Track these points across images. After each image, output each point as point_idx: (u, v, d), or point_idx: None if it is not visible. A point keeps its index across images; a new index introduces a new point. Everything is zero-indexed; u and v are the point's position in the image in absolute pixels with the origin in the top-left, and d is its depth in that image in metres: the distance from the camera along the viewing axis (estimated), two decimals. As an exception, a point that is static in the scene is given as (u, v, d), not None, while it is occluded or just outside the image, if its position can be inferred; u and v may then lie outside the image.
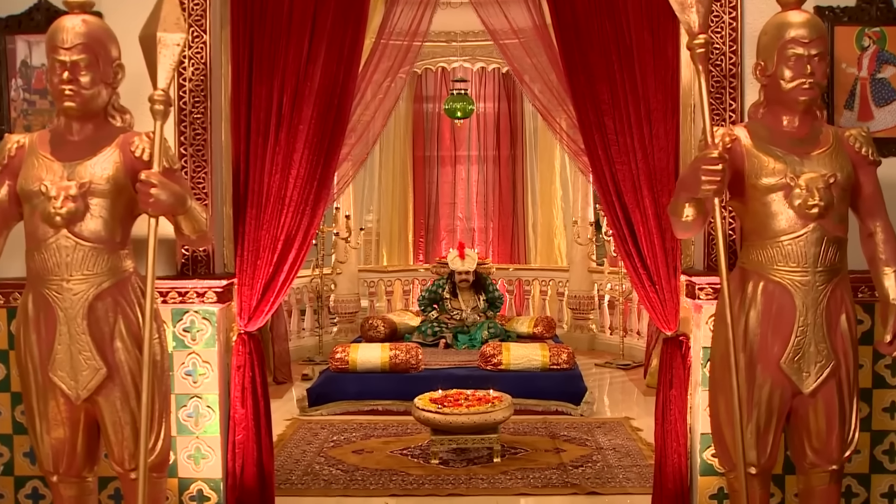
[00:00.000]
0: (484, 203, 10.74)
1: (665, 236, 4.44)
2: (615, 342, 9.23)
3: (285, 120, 4.45)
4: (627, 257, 4.53)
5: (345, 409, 7.11)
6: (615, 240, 4.61)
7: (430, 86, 10.65)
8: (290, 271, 4.52)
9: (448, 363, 7.54)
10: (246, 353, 4.49)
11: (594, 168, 4.56)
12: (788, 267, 3.52)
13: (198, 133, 4.42)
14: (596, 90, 4.49)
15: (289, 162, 4.46)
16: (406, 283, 10.12)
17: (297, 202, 4.48)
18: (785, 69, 3.53)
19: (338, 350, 7.35)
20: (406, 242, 10.68)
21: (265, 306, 4.51)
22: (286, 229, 4.48)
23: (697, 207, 3.61)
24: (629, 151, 4.46)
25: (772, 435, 3.63)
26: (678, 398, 4.49)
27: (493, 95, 10.59)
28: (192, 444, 4.44)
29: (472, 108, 9.12)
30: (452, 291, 8.46)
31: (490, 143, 10.73)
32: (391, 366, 7.21)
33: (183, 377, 4.42)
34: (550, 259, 10.37)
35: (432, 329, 8.28)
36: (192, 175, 4.41)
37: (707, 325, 4.33)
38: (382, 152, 10.57)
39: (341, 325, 9.75)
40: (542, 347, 7.41)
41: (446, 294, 8.48)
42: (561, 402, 7.09)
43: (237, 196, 4.50)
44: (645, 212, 4.46)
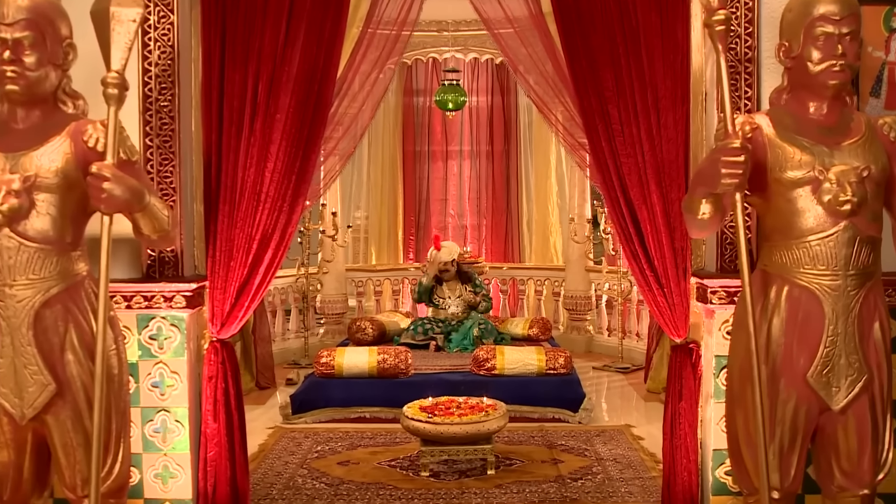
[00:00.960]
0: (476, 199, 10.39)
1: (674, 235, 4.10)
2: (613, 344, 8.89)
3: (261, 108, 4.10)
4: (633, 258, 4.18)
5: (330, 416, 6.74)
6: (620, 239, 4.25)
7: (420, 78, 10.28)
8: (267, 273, 4.17)
9: (439, 367, 7.18)
10: (218, 363, 4.14)
11: (597, 161, 4.21)
12: (816, 270, 3.17)
13: (165, 123, 4.05)
14: (599, 76, 4.14)
15: (265, 154, 4.11)
16: (395, 283, 9.77)
17: (273, 198, 4.13)
18: (813, 50, 3.17)
19: (323, 354, 6.98)
20: (395, 240, 10.32)
21: (239, 311, 4.15)
22: (262, 228, 4.13)
23: (715, 204, 3.26)
24: (635, 143, 4.12)
25: (796, 456, 3.28)
26: (688, 411, 4.15)
27: (487, 88, 10.22)
28: (159, 461, 4.09)
29: (465, 99, 8.75)
30: (440, 281, 8.14)
31: (483, 137, 10.37)
32: (379, 371, 6.85)
33: (149, 389, 4.06)
34: (546, 258, 10.02)
35: (423, 329, 7.91)
36: (159, 169, 4.05)
37: (720, 332, 4.00)
38: (371, 147, 10.21)
39: (328, 327, 9.39)
40: (538, 351, 7.05)
41: (434, 283, 8.17)
42: (558, 409, 6.72)
43: (209, 192, 4.15)
44: (652, 208, 4.12)
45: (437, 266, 8.07)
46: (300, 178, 4.16)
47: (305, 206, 7.52)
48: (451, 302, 8.06)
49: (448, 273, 8.08)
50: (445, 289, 8.11)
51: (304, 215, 8.28)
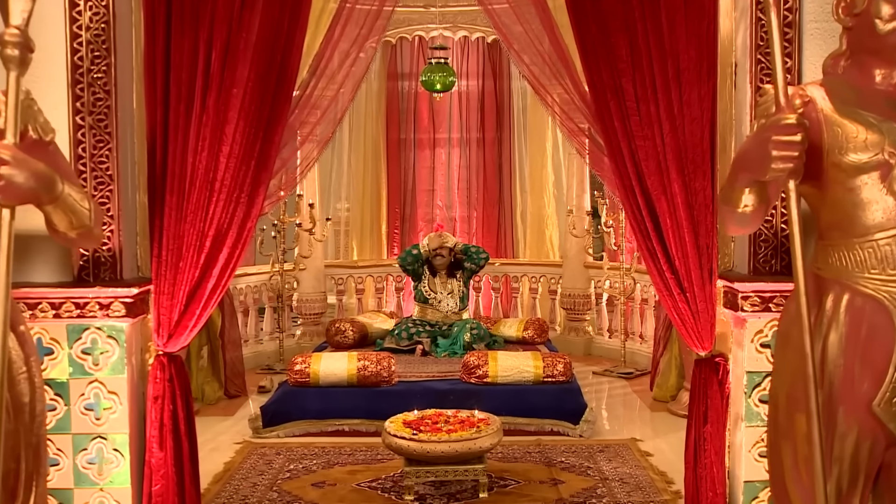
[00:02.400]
0: (466, 190, 9.82)
1: (698, 231, 3.53)
2: (615, 347, 8.32)
3: (214, 82, 3.54)
4: (650, 257, 3.59)
5: (305, 429, 6.19)
6: (635, 235, 3.66)
7: (405, 59, 9.69)
8: (222, 276, 3.58)
9: (426, 374, 6.61)
10: (165, 380, 3.55)
11: (609, 144, 3.62)
12: (886, 275, 2.59)
13: (99, 98, 3.46)
14: (611, 45, 3.57)
15: (219, 136, 3.56)
16: (379, 280, 9.17)
17: (229, 187, 3.56)
18: (882, 4, 2.57)
19: (297, 361, 6.39)
20: (379, 234, 9.73)
21: (189, 320, 3.56)
22: (216, 222, 3.57)
23: (760, 194, 2.66)
24: (653, 123, 3.56)
25: (857, 498, 2.71)
26: (715, 435, 3.58)
27: (478, 70, 9.64)
28: (94, 498, 3.55)
29: (453, 79, 8.13)
30: (431, 269, 7.56)
31: (473, 123, 9.80)
32: (359, 379, 6.27)
33: (82, 412, 3.49)
34: (541, 253, 9.46)
35: (408, 332, 7.30)
36: (93, 153, 3.45)
37: (753, 345, 3.46)
38: (352, 133, 9.64)
39: (305, 328, 8.80)
40: (535, 357, 6.47)
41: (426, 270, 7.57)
42: (557, 421, 6.18)
43: (153, 180, 3.57)
44: (673, 200, 3.55)
45: (434, 246, 7.48)
46: (260, 163, 3.58)
47: (280, 197, 6.98)
48: (442, 297, 7.47)
49: (441, 259, 7.48)
50: (437, 282, 7.51)
51: (278, 207, 7.67)
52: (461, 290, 7.56)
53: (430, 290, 7.51)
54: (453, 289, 7.52)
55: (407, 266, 7.59)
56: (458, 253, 7.60)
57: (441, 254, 7.50)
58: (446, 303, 7.47)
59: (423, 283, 7.56)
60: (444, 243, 7.54)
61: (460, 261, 7.58)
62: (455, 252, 7.58)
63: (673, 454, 5.62)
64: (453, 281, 7.54)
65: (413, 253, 7.62)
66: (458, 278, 7.55)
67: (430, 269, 7.58)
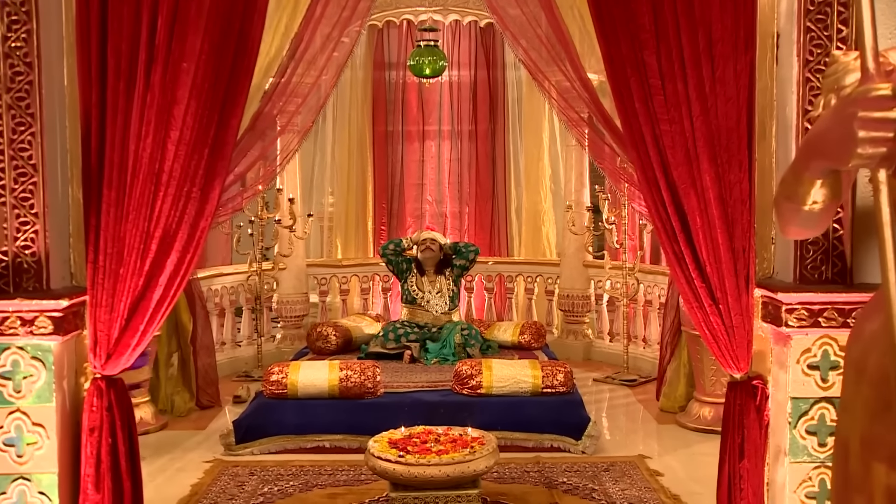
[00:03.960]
0: (458, 184, 9.31)
1: (733, 231, 3.01)
2: (616, 351, 7.82)
3: (160, 54, 3.02)
4: (677, 262, 3.07)
5: (282, 446, 5.70)
6: (659, 237, 3.13)
7: (392, 46, 9.17)
8: (171, 285, 3.04)
9: (414, 384, 6.10)
10: (103, 409, 3.02)
11: (629, 129, 3.09)
12: None
13: (18, 72, 2.93)
14: (632, 11, 3.05)
15: (166, 119, 3.04)
16: (364, 280, 8.65)
17: (179, 180, 3.03)
18: None
19: (273, 371, 5.86)
20: (364, 231, 9.20)
21: (132, 338, 3.03)
22: (163, 221, 3.04)
23: (833, 187, 2.11)
24: (681, 104, 3.04)
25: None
26: (752, 472, 3.08)
27: (470, 57, 9.15)
28: None
29: (444, 63, 7.59)
30: (419, 267, 7.06)
31: (465, 114, 9.31)
32: (341, 390, 5.78)
33: (1, 449, 2.88)
34: (537, 251, 8.96)
35: (395, 335, 6.77)
36: (12, 138, 2.91)
37: (800, 366, 2.92)
38: (336, 124, 9.12)
39: (286, 332, 8.27)
40: (533, 366, 5.97)
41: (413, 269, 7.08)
42: (557, 436, 5.71)
43: (88, 171, 3.05)
44: (703, 194, 3.03)
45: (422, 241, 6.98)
46: (216, 151, 3.04)
47: (257, 191, 6.45)
48: (430, 296, 6.95)
49: (430, 255, 6.96)
50: (425, 281, 6.98)
51: (256, 202, 7.14)
52: (451, 288, 7.04)
53: (418, 290, 6.99)
54: (442, 288, 7.00)
55: (389, 255, 7.05)
56: (447, 251, 7.07)
57: (430, 247, 6.97)
58: (435, 303, 6.96)
59: (409, 282, 7.04)
60: (432, 239, 7.02)
61: (449, 258, 7.06)
62: (444, 250, 7.05)
63: (685, 473, 5.21)
64: (441, 279, 7.02)
65: (396, 241, 7.13)
66: (446, 276, 7.03)
67: (418, 268, 7.07)
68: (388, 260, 7.10)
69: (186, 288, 5.75)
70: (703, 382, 6.05)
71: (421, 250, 7.01)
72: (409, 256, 7.08)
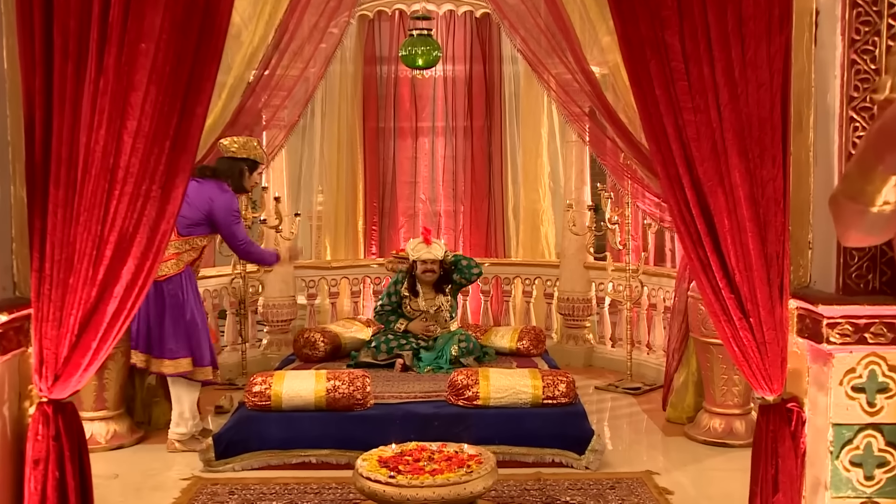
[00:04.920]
0: (452, 182, 8.93)
1: (766, 235, 2.68)
2: (618, 357, 7.48)
3: (114, 32, 2.68)
4: (702, 270, 2.72)
5: (265, 461, 5.35)
6: (682, 241, 2.80)
7: (383, 38, 8.80)
8: (128, 296, 2.70)
9: (407, 395, 5.75)
10: (50, 438, 2.67)
11: (648, 119, 2.75)
12: None
13: (-52, 53, 2.51)
14: (652, -15, 2.66)
15: (122, 107, 2.69)
16: (355, 283, 8.29)
17: (137, 176, 2.68)
18: None
19: (256, 381, 5.51)
20: (355, 231, 8.82)
21: (83, 357, 2.68)
22: (119, 223, 2.69)
23: (906, 186, 1.77)
24: (707, 90, 2.70)
25: None
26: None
27: (465, 51, 8.79)
28: None
29: (438, 54, 7.24)
30: (412, 288, 6.62)
31: (460, 110, 8.96)
32: (328, 402, 5.43)
33: (-69, 485, 2.53)
34: (536, 252, 8.60)
35: (387, 344, 6.41)
36: (-58, 128, 2.50)
37: (842, 388, 2.59)
38: (325, 120, 8.74)
39: (273, 337, 7.89)
40: (533, 375, 5.62)
41: (405, 292, 6.63)
42: (559, 451, 5.36)
43: (33, 167, 2.71)
44: (733, 192, 2.70)
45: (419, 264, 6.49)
46: (179, 144, 2.69)
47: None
48: (430, 315, 6.55)
49: (431, 277, 6.54)
50: (421, 302, 6.56)
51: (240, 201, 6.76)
52: (450, 304, 6.62)
53: (414, 311, 6.57)
54: (441, 305, 6.59)
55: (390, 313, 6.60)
56: (446, 265, 6.64)
57: (431, 269, 6.54)
58: (434, 320, 6.55)
59: (405, 304, 6.63)
60: (434, 257, 6.50)
61: (449, 272, 6.64)
62: (444, 263, 6.63)
63: (695, 490, 4.90)
64: (440, 297, 6.60)
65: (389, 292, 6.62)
66: (446, 293, 6.60)
67: (412, 288, 6.62)
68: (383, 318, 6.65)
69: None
70: (713, 392, 5.72)
71: (421, 271, 6.53)
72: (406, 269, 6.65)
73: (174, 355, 5.51)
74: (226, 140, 5.67)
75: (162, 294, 5.42)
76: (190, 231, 5.47)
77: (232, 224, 5.55)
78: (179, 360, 5.52)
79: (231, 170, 5.60)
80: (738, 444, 5.44)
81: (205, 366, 5.65)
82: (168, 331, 5.46)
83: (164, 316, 5.46)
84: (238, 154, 5.63)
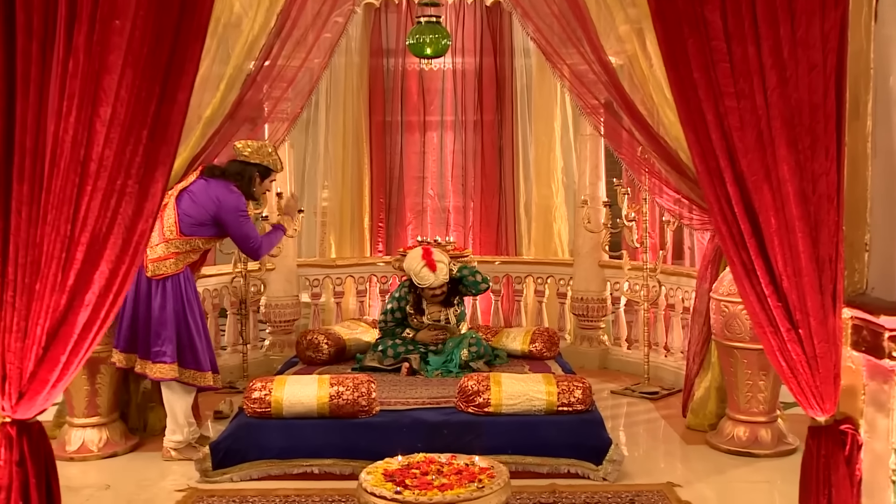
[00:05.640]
0: (461, 177, 8.63)
1: (818, 236, 2.42)
2: (635, 360, 7.21)
3: (85, 8, 2.45)
4: (746, 275, 2.46)
5: (265, 472, 5.11)
6: (723, 242, 2.51)
7: (391, 29, 8.51)
8: (102, 304, 2.47)
9: (414, 401, 5.49)
10: (13, 463, 2.49)
11: (685, 105, 2.48)
12: None
13: None
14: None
15: (93, 92, 2.42)
16: (360, 282, 8.03)
17: (111, 170, 2.45)
18: None
19: (255, 387, 5.26)
20: (360, 228, 8.55)
21: (50, 372, 2.45)
22: (91, 223, 2.47)
23: None
24: (752, 73, 2.46)
25: None
26: (842, 542, 2.39)
27: (475, 43, 8.48)
28: None
29: (447, 42, 6.94)
30: (417, 305, 6.34)
31: (470, 104, 8.66)
32: (332, 408, 5.19)
33: None
34: (548, 249, 8.32)
35: (394, 349, 6.16)
36: None
37: None
38: (330, 113, 8.46)
39: (275, 338, 7.63)
40: (547, 381, 5.35)
41: (410, 310, 6.34)
42: (575, 461, 5.10)
43: None
44: (780, 188, 2.45)
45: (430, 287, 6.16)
46: (158, 133, 2.44)
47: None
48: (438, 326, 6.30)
49: (437, 298, 6.26)
50: (426, 319, 6.27)
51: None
52: (457, 312, 6.35)
53: (421, 324, 6.29)
54: (449, 316, 6.32)
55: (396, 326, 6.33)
56: (454, 276, 6.32)
57: (437, 294, 6.22)
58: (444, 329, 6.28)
59: (411, 319, 6.33)
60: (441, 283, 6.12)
61: (456, 283, 6.33)
62: (452, 275, 6.28)
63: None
64: (448, 311, 6.32)
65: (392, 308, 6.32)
66: (455, 305, 6.32)
67: (417, 307, 6.33)
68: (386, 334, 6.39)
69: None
70: (737, 399, 5.45)
71: (430, 296, 6.21)
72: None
73: (159, 358, 5.25)
74: (239, 143, 5.43)
75: (157, 293, 5.17)
76: (193, 231, 5.22)
77: (242, 225, 5.30)
78: (164, 364, 5.26)
79: (242, 174, 5.36)
80: (763, 454, 5.18)
81: (204, 371, 5.41)
82: (156, 332, 5.21)
83: (155, 316, 5.21)
84: (251, 159, 5.38)
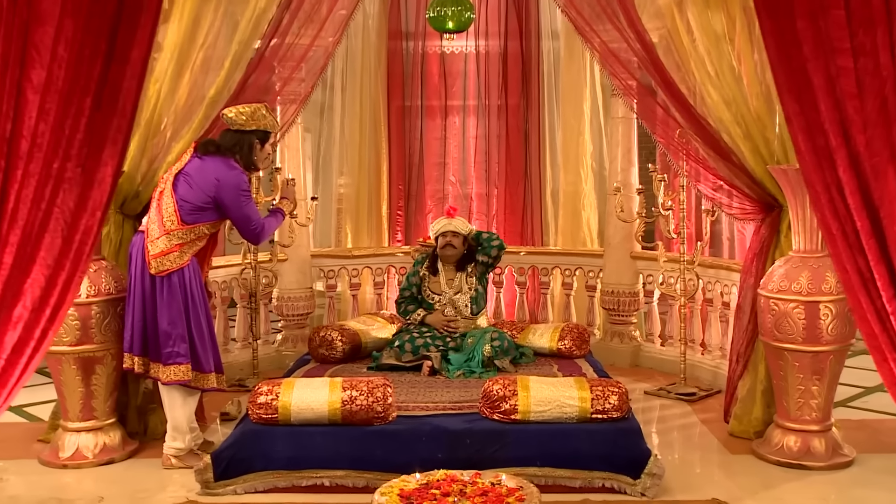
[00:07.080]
0: (485, 163, 8.31)
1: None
2: (669, 357, 6.81)
3: None
4: (861, 284, 2.03)
5: (271, 484, 4.78)
6: (829, 243, 2.00)
7: (410, 8, 8.18)
8: (38, 320, 2.04)
9: (435, 406, 5.12)
10: None
11: (785, 66, 2.03)
12: None
13: None
14: None
15: (21, 48, 1.92)
16: (378, 273, 7.66)
17: (47, 150, 2.02)
18: None
19: (261, 391, 4.89)
20: (378, 216, 8.25)
21: None
22: (22, 218, 2.00)
23: None
24: (876, 22, 2.05)
25: None
26: None
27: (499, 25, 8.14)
28: None
29: (471, 15, 6.54)
30: (432, 267, 6.18)
31: (494, 87, 8.31)
32: (344, 415, 4.83)
33: None
34: (577, 240, 7.98)
35: (413, 343, 5.82)
36: None
37: None
38: (346, 95, 8.16)
39: (288, 332, 7.32)
40: (580, 385, 4.94)
41: (424, 270, 6.21)
42: (610, 474, 4.71)
43: None
44: None
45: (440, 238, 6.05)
46: (107, 102, 1.99)
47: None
48: (448, 298, 6.06)
49: (451, 252, 6.07)
50: (441, 280, 6.08)
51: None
52: (474, 287, 6.06)
53: (433, 293, 6.06)
54: (461, 286, 6.05)
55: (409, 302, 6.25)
56: (470, 240, 6.16)
57: (451, 243, 6.05)
58: (454, 305, 6.05)
59: (424, 287, 6.16)
60: (455, 229, 6.07)
61: (472, 250, 6.15)
62: (468, 239, 6.14)
63: None
64: (462, 275, 6.10)
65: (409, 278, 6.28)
66: (469, 272, 6.08)
67: (432, 267, 6.17)
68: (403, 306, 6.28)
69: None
70: (786, 405, 5.00)
71: (440, 246, 6.04)
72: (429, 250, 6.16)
73: (173, 360, 4.91)
74: (230, 111, 4.95)
75: (162, 290, 4.79)
76: (196, 218, 4.79)
77: (243, 206, 4.88)
78: (178, 366, 4.92)
79: (239, 144, 4.90)
80: (816, 467, 4.77)
81: (207, 372, 5.06)
82: (166, 332, 4.85)
83: (163, 315, 4.85)
84: (247, 126, 4.93)
